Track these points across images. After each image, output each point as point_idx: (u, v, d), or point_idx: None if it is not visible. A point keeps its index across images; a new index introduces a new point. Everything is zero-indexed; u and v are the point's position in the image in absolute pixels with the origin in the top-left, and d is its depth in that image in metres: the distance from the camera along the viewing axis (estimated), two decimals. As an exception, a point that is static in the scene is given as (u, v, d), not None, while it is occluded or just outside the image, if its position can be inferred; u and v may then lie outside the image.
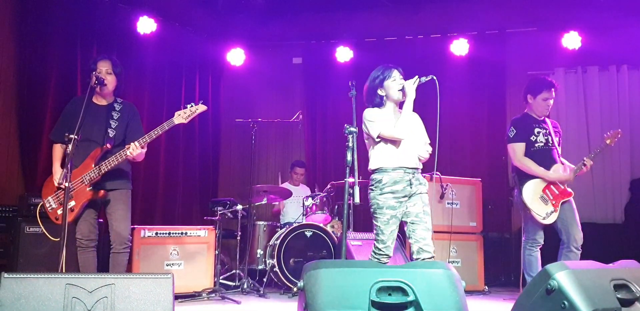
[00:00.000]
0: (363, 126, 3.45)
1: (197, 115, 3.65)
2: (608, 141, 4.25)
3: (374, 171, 3.43)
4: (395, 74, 3.46)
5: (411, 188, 3.37)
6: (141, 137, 3.57)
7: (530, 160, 4.25)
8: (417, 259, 3.28)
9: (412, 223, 3.36)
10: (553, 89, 4.32)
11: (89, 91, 3.48)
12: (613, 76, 6.57)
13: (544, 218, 4.17)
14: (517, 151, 4.29)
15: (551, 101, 4.34)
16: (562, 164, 4.32)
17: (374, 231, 3.40)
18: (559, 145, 4.43)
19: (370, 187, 3.42)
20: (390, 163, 3.37)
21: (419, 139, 3.49)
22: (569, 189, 4.27)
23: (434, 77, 3.34)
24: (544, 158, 4.27)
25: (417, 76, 3.40)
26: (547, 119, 4.41)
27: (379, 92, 3.47)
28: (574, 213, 4.21)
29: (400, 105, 3.45)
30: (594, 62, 6.61)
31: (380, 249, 3.36)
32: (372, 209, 3.40)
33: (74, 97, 4.01)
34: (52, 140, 3.81)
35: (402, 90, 3.41)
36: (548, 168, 4.25)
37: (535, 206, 4.19)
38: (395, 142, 3.39)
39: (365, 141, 3.53)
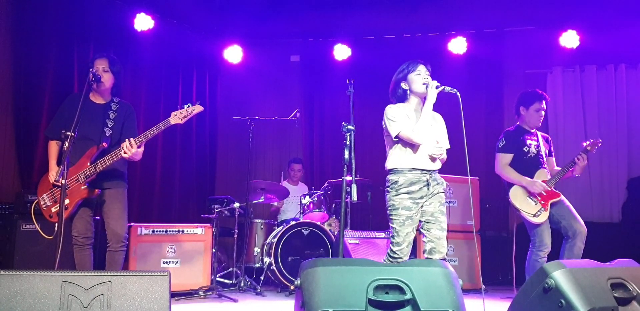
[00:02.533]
0: (383, 123, 3.41)
1: (194, 115, 3.65)
2: (589, 148, 4.36)
3: (390, 171, 3.36)
4: (421, 69, 3.42)
5: (428, 188, 3.31)
6: (134, 137, 3.56)
7: (511, 169, 4.39)
8: (428, 259, 3.23)
9: (427, 222, 3.31)
10: (544, 101, 4.48)
11: (85, 88, 3.46)
12: (611, 75, 6.58)
13: (534, 216, 4.22)
14: (502, 161, 4.44)
15: (543, 112, 4.49)
16: (547, 170, 4.43)
17: (390, 234, 3.34)
18: (550, 155, 4.59)
19: (387, 188, 3.36)
20: (407, 164, 3.31)
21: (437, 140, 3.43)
22: (556, 190, 4.35)
23: (458, 93, 3.33)
24: (533, 165, 4.40)
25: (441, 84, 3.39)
26: (537, 132, 4.56)
27: (403, 85, 3.43)
28: (571, 209, 4.29)
29: (424, 101, 3.38)
30: (592, 61, 6.62)
31: (395, 252, 3.27)
32: (388, 211, 3.34)
33: (71, 94, 3.99)
34: (47, 137, 3.80)
35: (426, 85, 3.36)
36: (534, 172, 4.36)
37: (524, 205, 4.28)
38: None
39: (385, 138, 3.48)
